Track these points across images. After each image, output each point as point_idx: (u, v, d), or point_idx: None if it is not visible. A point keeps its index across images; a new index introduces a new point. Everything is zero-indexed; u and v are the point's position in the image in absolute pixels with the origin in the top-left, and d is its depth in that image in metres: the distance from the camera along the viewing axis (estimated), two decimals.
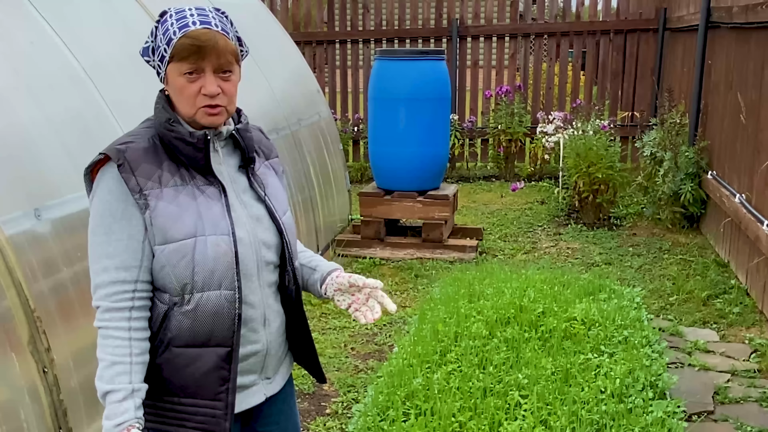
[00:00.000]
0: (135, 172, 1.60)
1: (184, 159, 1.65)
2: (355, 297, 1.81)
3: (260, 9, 6.37)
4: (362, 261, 5.63)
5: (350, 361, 3.98)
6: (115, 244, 1.61)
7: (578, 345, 3.60)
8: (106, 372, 1.59)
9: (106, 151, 1.62)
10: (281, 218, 1.78)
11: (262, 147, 1.87)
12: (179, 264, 1.61)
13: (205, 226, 1.63)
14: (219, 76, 1.61)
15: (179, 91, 1.62)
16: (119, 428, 1.55)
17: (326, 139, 6.12)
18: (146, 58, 1.67)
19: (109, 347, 1.60)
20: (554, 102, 9.19)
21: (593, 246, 6.05)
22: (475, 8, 9.10)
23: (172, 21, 1.60)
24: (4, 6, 3.20)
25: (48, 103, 3.07)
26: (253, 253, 1.70)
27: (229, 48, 1.61)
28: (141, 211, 1.60)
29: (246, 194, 1.75)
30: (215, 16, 1.63)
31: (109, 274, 1.61)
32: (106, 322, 1.62)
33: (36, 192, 2.78)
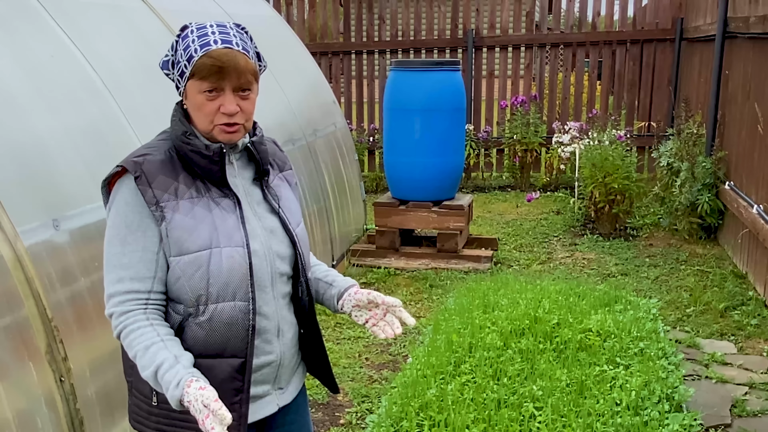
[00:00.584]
0: (152, 184, 1.62)
1: (199, 171, 1.67)
2: (373, 312, 1.82)
3: (277, 21, 6.42)
4: (377, 271, 5.63)
5: (364, 371, 3.98)
6: (130, 255, 1.63)
7: (593, 357, 3.58)
8: (144, 358, 1.58)
9: (123, 164, 1.64)
10: (295, 230, 1.79)
11: (276, 159, 1.89)
12: (194, 275, 1.63)
13: (220, 238, 1.64)
14: (238, 95, 1.63)
15: (198, 108, 1.64)
16: (179, 389, 1.51)
17: (342, 149, 6.14)
18: (165, 71, 1.69)
19: (136, 339, 1.61)
20: (570, 112, 9.17)
21: (609, 257, 6.02)
22: (491, 19, 9.11)
23: (193, 38, 1.62)
24: (25, 19, 3.25)
25: (66, 114, 3.11)
26: (267, 264, 1.72)
27: (249, 68, 1.62)
28: (157, 222, 1.62)
29: (260, 206, 1.76)
30: (236, 34, 1.65)
31: (124, 284, 1.63)
32: (124, 322, 1.63)
33: (54, 202, 2.81)
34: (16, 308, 2.50)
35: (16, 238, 2.54)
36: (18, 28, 3.16)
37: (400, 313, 1.80)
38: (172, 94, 1.75)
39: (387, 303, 1.80)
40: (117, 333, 1.66)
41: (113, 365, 2.83)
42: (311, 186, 5.22)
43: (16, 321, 2.48)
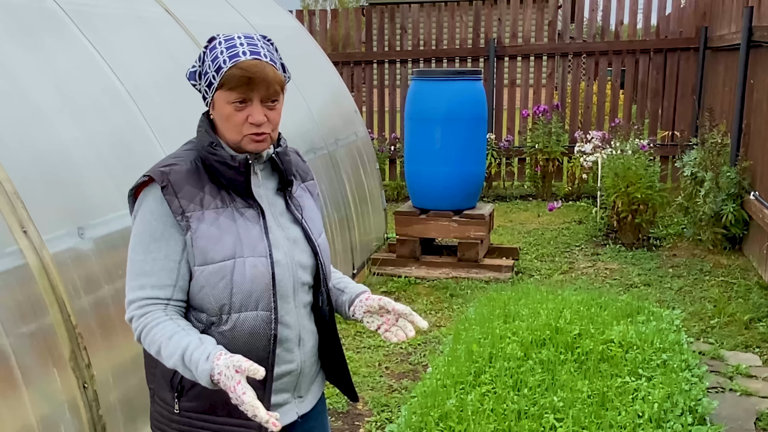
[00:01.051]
0: (178, 194, 1.64)
1: (225, 182, 1.69)
2: (385, 318, 1.81)
3: (299, 31, 6.47)
4: (397, 280, 5.64)
5: (384, 380, 3.98)
6: (152, 263, 1.65)
7: (615, 368, 3.55)
8: (169, 347, 1.59)
9: (150, 173, 1.66)
10: (317, 240, 1.81)
11: (299, 170, 1.91)
12: (218, 285, 1.65)
13: (244, 248, 1.66)
14: (265, 105, 1.65)
15: (226, 118, 1.65)
16: (208, 362, 1.52)
17: (363, 158, 6.17)
18: (192, 81, 1.71)
19: (158, 333, 1.62)
20: (592, 121, 9.13)
21: (632, 267, 5.97)
22: (513, 28, 9.11)
23: (222, 49, 1.63)
24: (53, 31, 3.31)
25: (92, 124, 3.15)
26: (289, 274, 1.73)
27: (277, 78, 1.64)
28: (182, 232, 1.64)
29: (283, 217, 1.78)
30: (264, 45, 1.67)
31: (144, 291, 1.66)
32: (143, 322, 1.65)
33: (79, 211, 2.85)
34: (41, 315, 2.54)
35: (41, 246, 2.58)
36: (46, 40, 3.22)
37: (412, 317, 1.79)
38: (196, 104, 1.77)
39: (397, 310, 1.79)
40: (137, 335, 1.67)
41: (136, 372, 2.86)
42: (332, 195, 5.24)
43: (41, 328, 2.52)
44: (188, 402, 1.70)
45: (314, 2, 40.55)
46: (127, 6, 4.12)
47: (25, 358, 2.43)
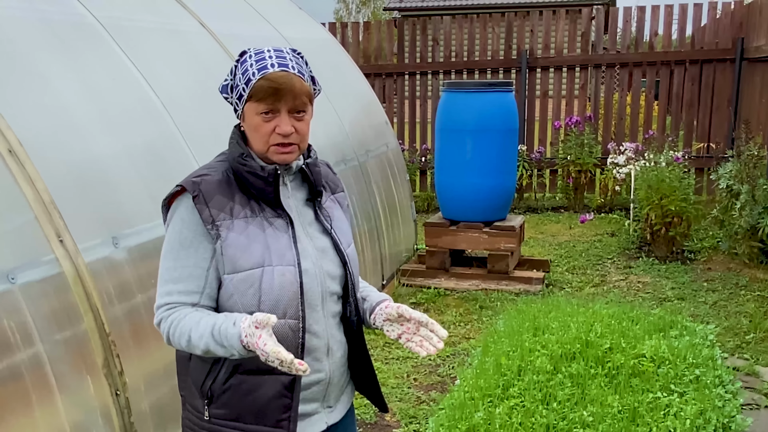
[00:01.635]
0: (209, 203, 1.68)
1: (254, 192, 1.72)
2: (405, 327, 1.81)
3: (332, 44, 6.53)
4: (427, 291, 5.63)
5: (412, 392, 3.98)
6: (181, 270, 1.69)
7: (647, 383, 3.51)
8: (197, 330, 1.63)
9: (182, 183, 1.71)
10: (345, 250, 1.83)
11: (329, 182, 1.94)
12: (246, 292, 1.68)
13: (272, 256, 1.69)
14: (293, 116, 1.68)
15: (255, 129, 1.69)
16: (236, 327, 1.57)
17: (393, 169, 6.19)
18: (224, 95, 1.76)
19: (186, 324, 1.66)
20: (626, 132, 9.05)
21: (665, 280, 5.90)
22: (545, 39, 9.08)
23: (252, 62, 1.68)
24: (90, 44, 3.39)
25: (126, 135, 3.22)
26: (318, 284, 1.75)
27: (304, 90, 1.68)
28: (212, 240, 1.68)
29: (312, 227, 1.80)
30: (292, 57, 1.70)
31: (172, 296, 1.71)
32: (171, 319, 1.69)
33: (114, 221, 2.91)
34: (76, 323, 2.59)
35: (77, 255, 2.64)
36: (84, 54, 3.30)
37: (432, 326, 1.79)
38: (228, 115, 1.81)
39: (415, 318, 1.79)
40: (166, 335, 1.71)
41: (167, 380, 2.90)
42: (362, 206, 5.27)
43: (75, 335, 2.57)
44: (217, 409, 1.73)
45: (347, 14, 40.82)
46: (163, 20, 4.20)
47: (60, 364, 2.48)
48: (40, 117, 2.82)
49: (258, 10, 5.54)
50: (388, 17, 24.71)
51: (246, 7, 5.44)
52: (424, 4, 23.27)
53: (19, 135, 2.63)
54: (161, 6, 4.33)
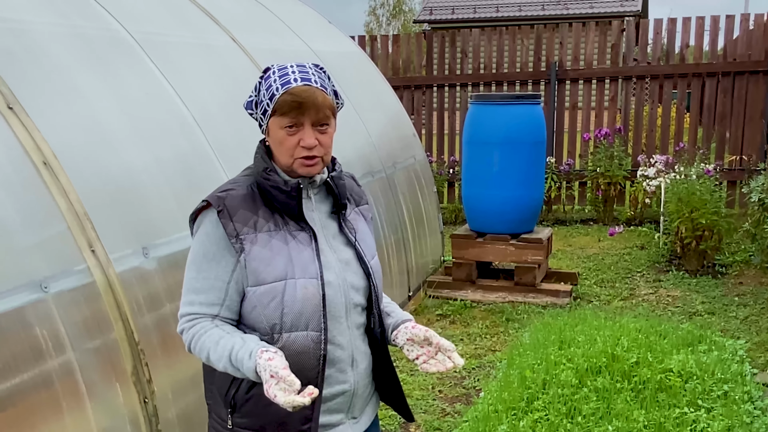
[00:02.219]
0: (233, 218, 1.72)
1: (278, 206, 1.76)
2: (425, 350, 1.83)
3: (361, 57, 6.59)
4: (453, 303, 5.64)
5: (437, 403, 3.98)
6: (203, 282, 1.74)
7: (673, 398, 3.48)
8: (216, 352, 1.68)
9: (208, 199, 1.76)
10: (369, 262, 1.86)
11: (353, 194, 1.97)
12: (269, 305, 1.71)
13: (295, 269, 1.72)
14: (317, 129, 1.72)
15: (279, 143, 1.73)
16: (251, 360, 1.60)
17: (420, 181, 6.21)
18: (249, 111, 1.81)
19: (206, 342, 1.71)
20: (657, 145, 8.98)
21: (695, 294, 5.83)
22: (575, 51, 9.06)
23: (275, 77, 1.72)
24: (124, 58, 3.47)
25: (158, 147, 3.29)
26: (341, 295, 1.78)
27: (327, 103, 1.72)
28: (236, 254, 1.72)
29: (336, 239, 1.83)
30: (315, 72, 1.75)
31: (193, 307, 1.76)
32: (192, 332, 1.75)
33: (144, 231, 2.98)
34: (106, 331, 2.65)
35: (108, 265, 2.70)
36: (118, 68, 3.39)
37: (451, 353, 1.80)
38: (257, 129, 1.86)
39: (442, 345, 1.81)
40: (188, 345, 1.77)
41: (194, 389, 2.95)
42: (389, 217, 5.30)
43: (105, 343, 2.63)
44: (240, 418, 1.76)
45: (378, 27, 41.06)
46: (195, 34, 4.29)
47: (90, 372, 2.54)
48: (75, 130, 2.90)
49: (288, 24, 5.62)
50: (418, 30, 24.83)
51: (276, 22, 5.52)
52: (454, 16, 23.33)
53: (54, 147, 2.71)
54: (193, 21, 4.42)
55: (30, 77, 2.85)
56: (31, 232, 2.49)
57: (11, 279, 2.36)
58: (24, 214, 2.49)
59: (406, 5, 40.84)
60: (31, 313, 2.38)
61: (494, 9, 23.43)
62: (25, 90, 2.76)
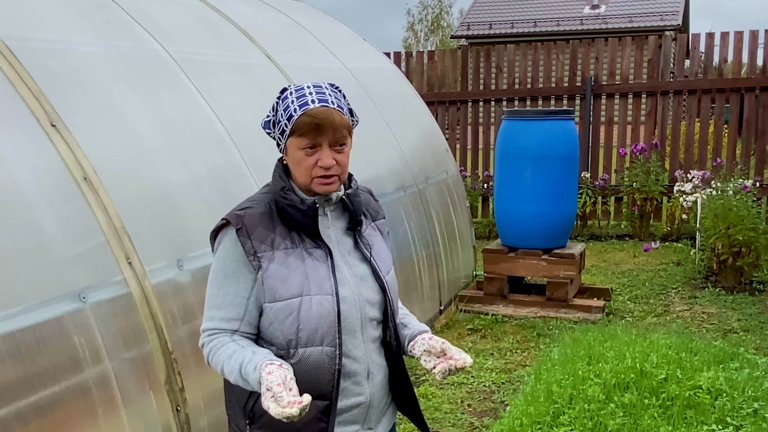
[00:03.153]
0: (251, 235, 1.77)
1: (295, 224, 1.81)
2: (442, 358, 1.87)
3: (394, 74, 6.68)
4: (484, 317, 5.66)
5: (466, 417, 4.01)
6: (223, 298, 1.80)
7: (702, 415, 3.46)
8: (229, 365, 1.74)
9: (227, 217, 1.81)
10: (385, 277, 1.90)
11: (370, 209, 2.01)
12: (286, 321, 1.76)
13: (311, 286, 1.77)
14: (334, 149, 1.76)
15: (297, 163, 1.78)
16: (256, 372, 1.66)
17: (453, 196, 6.26)
18: (267, 130, 1.85)
19: (222, 355, 1.77)
20: (694, 160, 8.89)
21: (731, 311, 5.76)
22: (611, 66, 9.04)
23: (293, 98, 1.77)
24: (162, 77, 3.61)
25: (194, 163, 3.40)
26: (357, 310, 1.83)
27: (344, 123, 1.77)
28: (254, 271, 1.77)
29: (351, 255, 1.88)
30: (331, 93, 1.79)
31: (214, 322, 1.82)
32: (210, 346, 1.81)
33: (179, 244, 3.08)
34: (142, 341, 2.76)
35: (144, 277, 2.81)
36: (156, 86, 3.52)
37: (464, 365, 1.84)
38: None
39: (455, 359, 1.84)
40: (207, 358, 1.83)
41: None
42: (420, 232, 5.35)
43: (140, 352, 2.73)
44: (258, 429, 1.82)
45: (416, 42, 41.25)
46: (232, 53, 4.42)
47: (125, 380, 2.64)
48: (114, 146, 3.03)
49: (323, 42, 5.73)
50: (455, 45, 24.90)
51: (311, 40, 5.64)
52: (492, 31, 23.38)
53: (94, 163, 2.84)
54: (230, 40, 4.56)
55: (72, 96, 2.98)
56: (71, 244, 2.61)
57: (52, 289, 2.47)
58: (64, 227, 2.61)
59: (445, 21, 41.00)
60: (69, 323, 2.49)
61: (532, 24, 23.43)
62: (67, 108, 2.89)
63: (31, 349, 2.34)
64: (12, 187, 2.50)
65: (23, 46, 2.92)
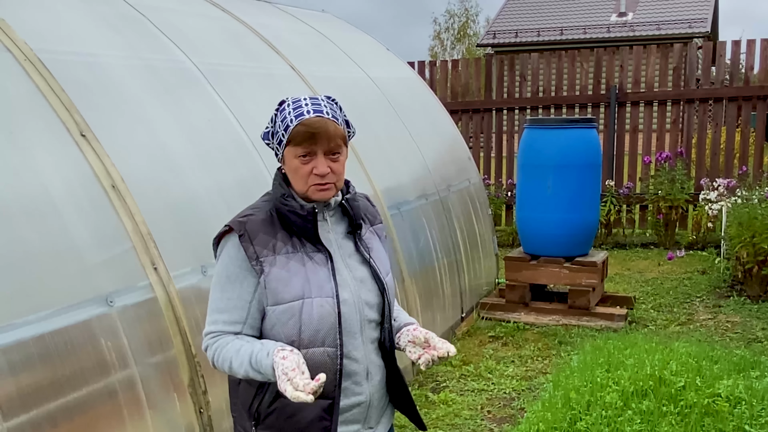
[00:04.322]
0: (253, 241, 1.84)
1: (296, 229, 1.87)
2: (426, 350, 1.90)
3: (417, 83, 6.75)
4: (506, 325, 5.68)
5: (485, 424, 4.04)
6: (226, 302, 1.87)
7: (720, 422, 3.47)
8: (237, 359, 1.80)
9: (230, 224, 1.89)
10: (384, 279, 1.96)
11: (368, 214, 2.08)
12: (288, 323, 1.83)
13: (312, 289, 1.83)
14: (329, 158, 1.83)
15: (294, 171, 1.85)
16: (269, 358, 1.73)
17: (475, 204, 6.30)
18: (266, 141, 1.92)
19: (228, 352, 1.83)
20: (721, 168, 8.83)
21: (756, 320, 5.72)
22: (635, 74, 9.02)
23: (290, 110, 1.84)
24: (188, 88, 3.71)
25: (219, 172, 3.49)
26: (356, 312, 1.89)
27: (338, 133, 1.84)
28: (257, 275, 1.84)
29: (351, 258, 1.94)
30: (327, 104, 1.86)
31: (217, 325, 1.88)
32: (215, 347, 1.87)
33: (204, 251, 3.15)
34: (167, 345, 2.84)
35: (169, 282, 2.90)
36: (182, 96, 3.62)
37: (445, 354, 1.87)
38: None
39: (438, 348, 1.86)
40: (212, 360, 1.89)
41: None
42: (442, 239, 5.40)
43: (165, 355, 2.82)
44: (264, 430, 1.88)
45: (442, 51, 41.31)
46: (256, 64, 4.52)
47: (150, 382, 2.72)
48: (142, 156, 3.13)
49: (346, 52, 5.82)
50: (482, 53, 24.92)
51: (335, 50, 5.73)
52: (518, 39, 23.35)
53: (122, 172, 2.94)
54: (254, 51, 4.66)
55: (101, 106, 3.09)
56: (99, 250, 2.70)
57: (80, 293, 2.57)
58: (93, 234, 2.70)
59: (471, 29, 41.03)
60: (97, 326, 2.59)
61: (558, 32, 23.36)
62: (96, 118, 3.00)
63: (60, 351, 2.43)
64: (43, 194, 2.60)
65: (55, 59, 3.03)
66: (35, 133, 2.74)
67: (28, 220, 2.50)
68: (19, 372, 2.28)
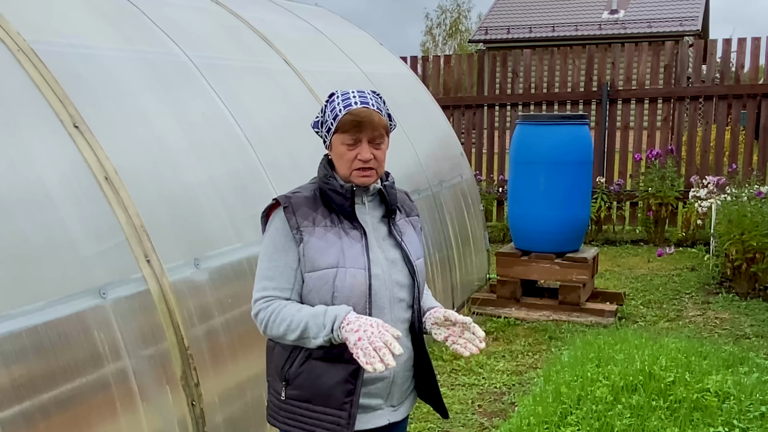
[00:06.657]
0: (296, 213, 2.02)
1: (335, 206, 2.04)
2: (451, 330, 2.05)
3: (411, 80, 6.76)
4: (497, 320, 5.71)
5: (476, 418, 4.07)
6: (274, 270, 2.03)
7: (709, 417, 3.50)
8: (300, 314, 1.93)
9: (277, 198, 2.07)
10: (414, 261, 2.09)
11: (405, 206, 2.23)
12: (322, 288, 1.98)
13: (346, 260, 1.99)
14: (372, 146, 2.01)
15: (340, 156, 2.03)
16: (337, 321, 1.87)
17: (467, 200, 6.32)
18: (316, 129, 2.10)
19: (287, 312, 1.95)
20: (711, 166, 8.89)
21: (744, 317, 5.77)
22: (627, 72, 9.06)
23: (339, 101, 2.03)
24: (184, 82, 3.70)
25: (213, 166, 3.49)
26: (386, 289, 2.03)
27: (382, 123, 2.02)
28: (297, 244, 2.00)
29: (385, 241, 2.09)
30: (372, 97, 2.04)
31: (267, 291, 2.03)
32: (269, 310, 1.99)
33: (197, 243, 3.17)
34: (159, 338, 2.85)
35: (162, 274, 2.90)
36: (177, 90, 3.61)
37: (473, 328, 2.01)
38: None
39: (459, 320, 2.01)
40: (264, 324, 2.00)
41: (241, 397, 3.13)
42: (434, 235, 5.42)
43: (157, 347, 2.82)
44: (293, 390, 2.02)
45: (434, 47, 41.28)
46: (251, 58, 4.52)
47: (143, 375, 2.73)
48: (136, 148, 3.12)
49: (341, 47, 5.82)
50: (474, 49, 24.94)
51: (329, 45, 5.73)
52: (510, 36, 23.39)
53: (116, 164, 2.93)
54: (250, 45, 4.65)
55: (95, 99, 3.08)
56: (92, 242, 2.70)
57: (73, 285, 2.57)
58: (86, 226, 2.70)
59: (463, 25, 41.01)
60: (90, 318, 2.59)
61: (550, 29, 23.41)
62: (90, 111, 2.99)
63: (53, 343, 2.43)
64: (36, 186, 2.60)
65: (49, 51, 3.02)
66: (28, 125, 2.73)
67: (21, 212, 2.50)
68: (12, 363, 2.28)
